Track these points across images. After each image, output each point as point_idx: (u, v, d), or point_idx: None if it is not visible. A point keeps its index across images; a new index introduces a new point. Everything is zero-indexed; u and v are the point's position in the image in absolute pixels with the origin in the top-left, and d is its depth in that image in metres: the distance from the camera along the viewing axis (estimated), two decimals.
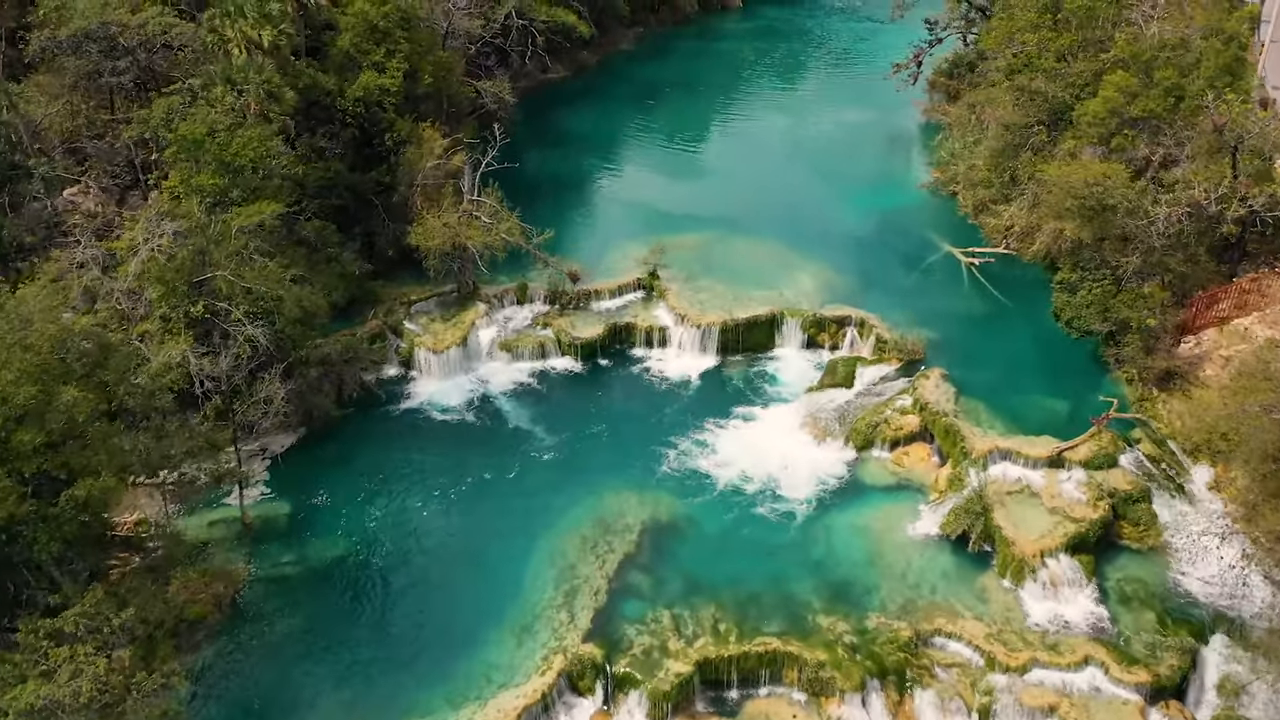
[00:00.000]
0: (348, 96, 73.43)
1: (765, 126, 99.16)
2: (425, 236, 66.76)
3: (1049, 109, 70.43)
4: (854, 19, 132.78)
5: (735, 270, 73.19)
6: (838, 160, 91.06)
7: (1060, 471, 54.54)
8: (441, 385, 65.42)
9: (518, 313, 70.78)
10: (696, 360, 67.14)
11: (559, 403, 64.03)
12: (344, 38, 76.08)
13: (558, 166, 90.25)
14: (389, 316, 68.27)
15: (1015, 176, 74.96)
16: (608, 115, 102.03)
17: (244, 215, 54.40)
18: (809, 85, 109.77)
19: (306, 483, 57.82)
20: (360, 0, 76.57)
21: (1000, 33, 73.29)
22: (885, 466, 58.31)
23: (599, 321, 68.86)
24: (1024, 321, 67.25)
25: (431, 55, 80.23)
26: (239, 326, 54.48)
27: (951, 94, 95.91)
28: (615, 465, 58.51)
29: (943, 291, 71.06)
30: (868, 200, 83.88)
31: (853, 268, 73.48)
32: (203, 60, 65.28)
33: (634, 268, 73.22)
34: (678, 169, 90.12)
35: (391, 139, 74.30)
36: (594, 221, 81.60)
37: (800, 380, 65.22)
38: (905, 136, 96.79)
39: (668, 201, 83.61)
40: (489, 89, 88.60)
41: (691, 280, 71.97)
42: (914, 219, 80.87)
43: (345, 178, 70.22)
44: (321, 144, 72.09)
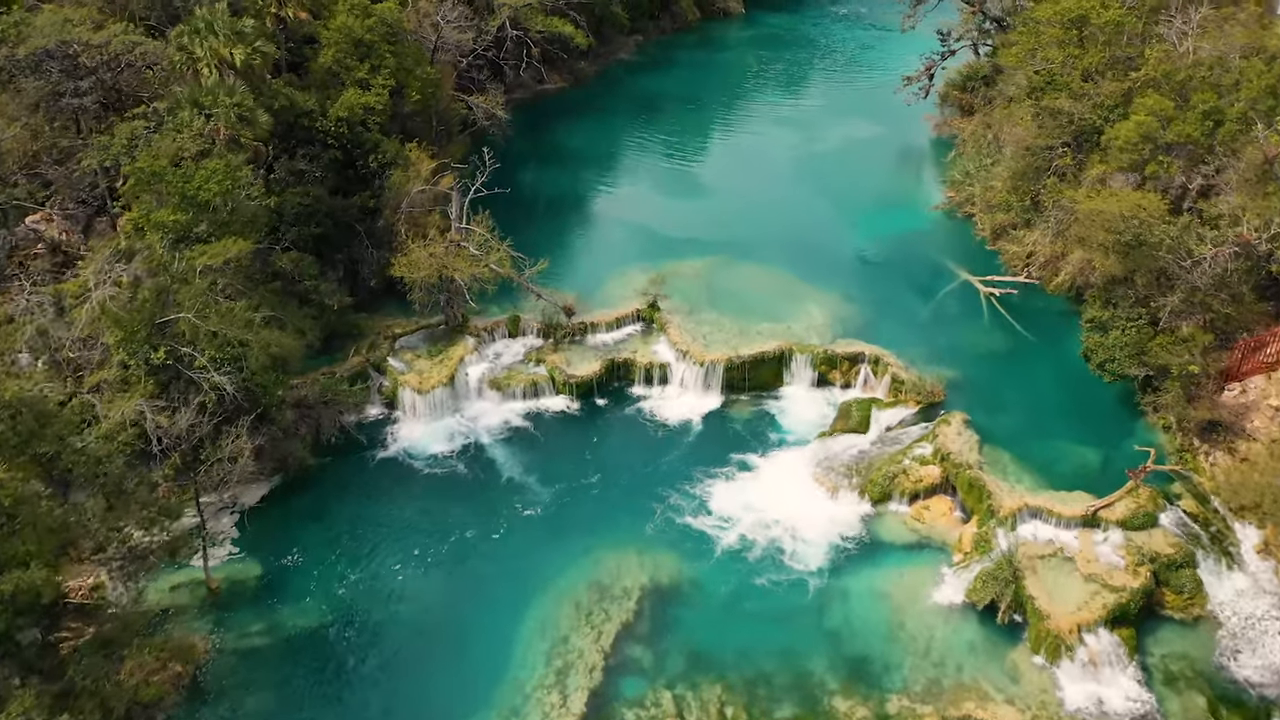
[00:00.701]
0: (329, 116, 68.55)
1: (769, 141, 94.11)
2: (410, 268, 61.82)
3: (1074, 130, 65.46)
4: (858, 26, 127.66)
5: (740, 300, 68.25)
6: (846, 178, 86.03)
7: (1096, 532, 49.71)
8: (427, 428, 60.49)
9: (509, 347, 65.82)
10: (699, 399, 62.22)
11: (552, 448, 59.08)
12: (326, 54, 71.23)
13: (553, 185, 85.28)
14: (372, 352, 63.34)
15: (1037, 201, 70.09)
16: (606, 129, 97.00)
17: (209, 254, 49.48)
18: (814, 97, 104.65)
19: (278, 539, 52.93)
20: (343, 14, 71.75)
21: (1022, 49, 68.31)
22: (904, 522, 53.44)
23: (596, 357, 63.93)
24: (1049, 359, 62.31)
25: (419, 71, 75.28)
26: (204, 374, 49.70)
27: (964, 108, 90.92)
28: (612, 521, 53.67)
29: (961, 325, 66.11)
30: (878, 222, 78.91)
31: (865, 297, 68.54)
32: (173, 80, 60.22)
33: (633, 297, 68.25)
34: (678, 187, 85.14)
35: (376, 161, 69.42)
36: (590, 246, 76.63)
37: (810, 423, 60.31)
38: (916, 153, 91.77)
39: (668, 223, 78.65)
40: (481, 104, 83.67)
41: (694, 312, 67.02)
42: (928, 243, 75.90)
43: (326, 203, 65.22)
44: (301, 167, 67.13)
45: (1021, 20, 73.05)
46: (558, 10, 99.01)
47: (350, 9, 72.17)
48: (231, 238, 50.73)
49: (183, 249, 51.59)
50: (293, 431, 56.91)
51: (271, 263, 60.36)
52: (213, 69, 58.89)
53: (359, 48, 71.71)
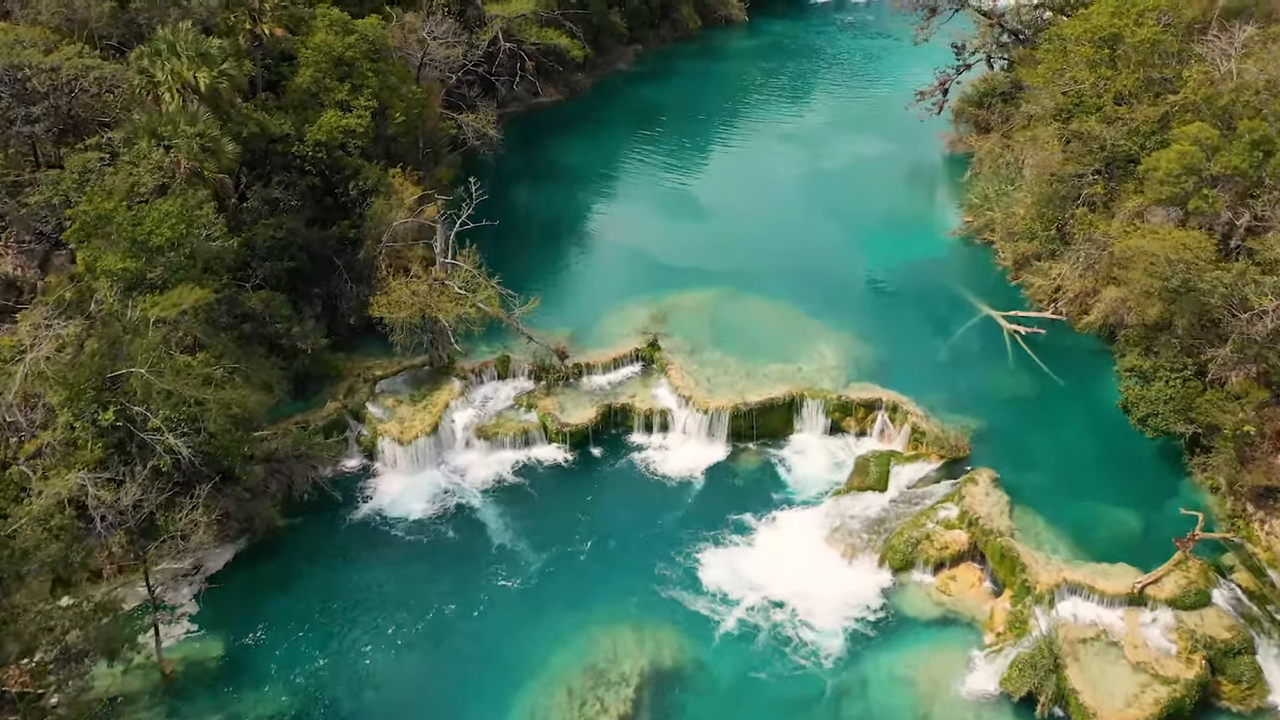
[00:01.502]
0: (306, 140, 63.27)
1: (774, 157, 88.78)
2: (390, 308, 56.58)
3: (1105, 157, 60.22)
4: (865, 35, 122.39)
5: (746, 338, 63.05)
6: (855, 199, 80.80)
7: (1143, 611, 44.59)
8: (408, 482, 55.32)
9: (499, 390, 60.63)
10: (703, 449, 57.02)
11: (543, 506, 53.88)
12: (304, 73, 65.93)
13: (547, 206, 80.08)
14: (350, 397, 58.14)
15: (1064, 230, 64.87)
16: (603, 145, 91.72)
17: (161, 305, 44.21)
18: (820, 110, 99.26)
19: (242, 613, 47.74)
20: (322, 31, 66.46)
21: (1048, 68, 62.97)
22: (929, 594, 48.26)
23: (591, 402, 58.73)
24: (1081, 406, 57.11)
25: (404, 90, 70.01)
26: (158, 436, 44.52)
27: (980, 125, 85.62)
28: (608, 593, 48.50)
29: (985, 366, 60.90)
30: (891, 248, 73.69)
31: (880, 334, 63.32)
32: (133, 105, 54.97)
33: (632, 335, 63.08)
34: (679, 209, 79.87)
35: (356, 188, 64.17)
36: (586, 275, 71.39)
37: (823, 477, 55.15)
38: (929, 172, 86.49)
39: (669, 250, 73.40)
40: (471, 123, 78.34)
41: (697, 351, 61.83)
42: (945, 273, 70.64)
43: (301, 235, 59.97)
44: (276, 195, 61.92)
45: (1047, 37, 67.70)
46: (553, 21, 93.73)
47: (330, 25, 66.97)
48: (188, 285, 45.46)
49: (136, 296, 46.34)
50: (261, 489, 51.78)
51: (240, 303, 55.14)
52: (175, 94, 53.61)
53: (339, 67, 66.47)
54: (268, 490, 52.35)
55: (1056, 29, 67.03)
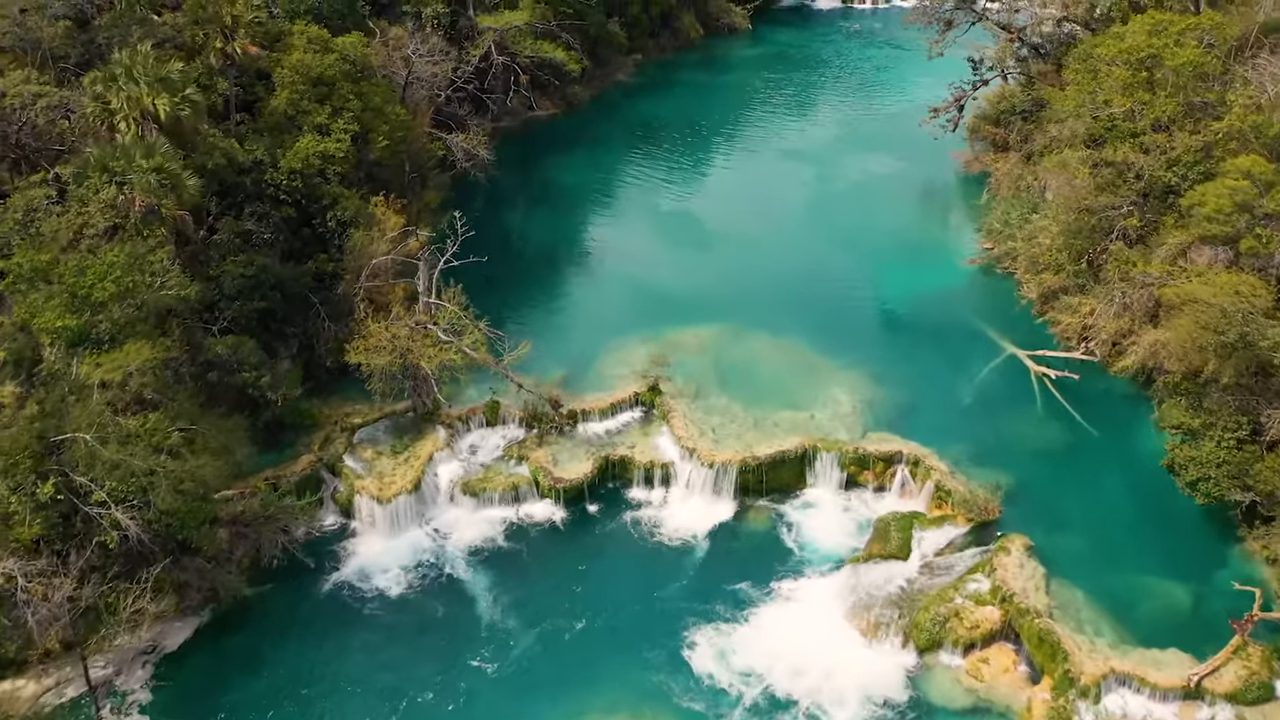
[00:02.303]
0: (281, 168, 58.47)
1: (780, 177, 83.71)
2: (367, 353, 51.72)
3: (1141, 188, 55.35)
4: (873, 44, 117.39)
5: (753, 381, 58.24)
6: (867, 223, 75.93)
7: (1200, 707, 39.83)
8: (387, 545, 50.51)
9: (487, 438, 55.78)
10: (708, 506, 52.19)
11: (534, 572, 49.04)
12: (280, 95, 61.19)
13: (540, 232, 75.22)
14: (325, 448, 53.33)
15: (1094, 264, 60.03)
16: (600, 163, 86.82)
17: (105, 366, 39.33)
18: (828, 125, 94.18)
19: (203, 699, 42.93)
20: (299, 50, 61.59)
21: (1079, 90, 57.99)
22: (958, 679, 43.38)
23: (587, 454, 53.88)
24: (1118, 461, 52.29)
25: (389, 111, 65.10)
26: (104, 510, 39.75)
27: (998, 144, 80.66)
28: (603, 674, 43.69)
29: (1012, 413, 56.03)
30: (906, 278, 68.79)
31: (897, 376, 58.46)
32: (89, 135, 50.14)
33: (630, 378, 58.27)
34: (681, 234, 74.91)
35: (335, 219, 59.37)
36: (581, 310, 66.41)
37: (839, 540, 50.30)
38: (944, 194, 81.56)
39: (670, 280, 68.56)
40: (461, 143, 73.40)
41: (701, 396, 57.02)
42: (965, 306, 65.72)
43: (274, 273, 55.10)
44: (249, 227, 57.21)
45: (1076, 57, 62.77)
46: (548, 33, 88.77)
47: (307, 44, 62.11)
48: (138, 342, 40.58)
49: (81, 352, 41.48)
50: (226, 556, 47.00)
51: (204, 349, 50.36)
52: (132, 123, 48.70)
53: (318, 88, 61.68)
54: (233, 556, 47.63)
55: (1085, 47, 62.05)
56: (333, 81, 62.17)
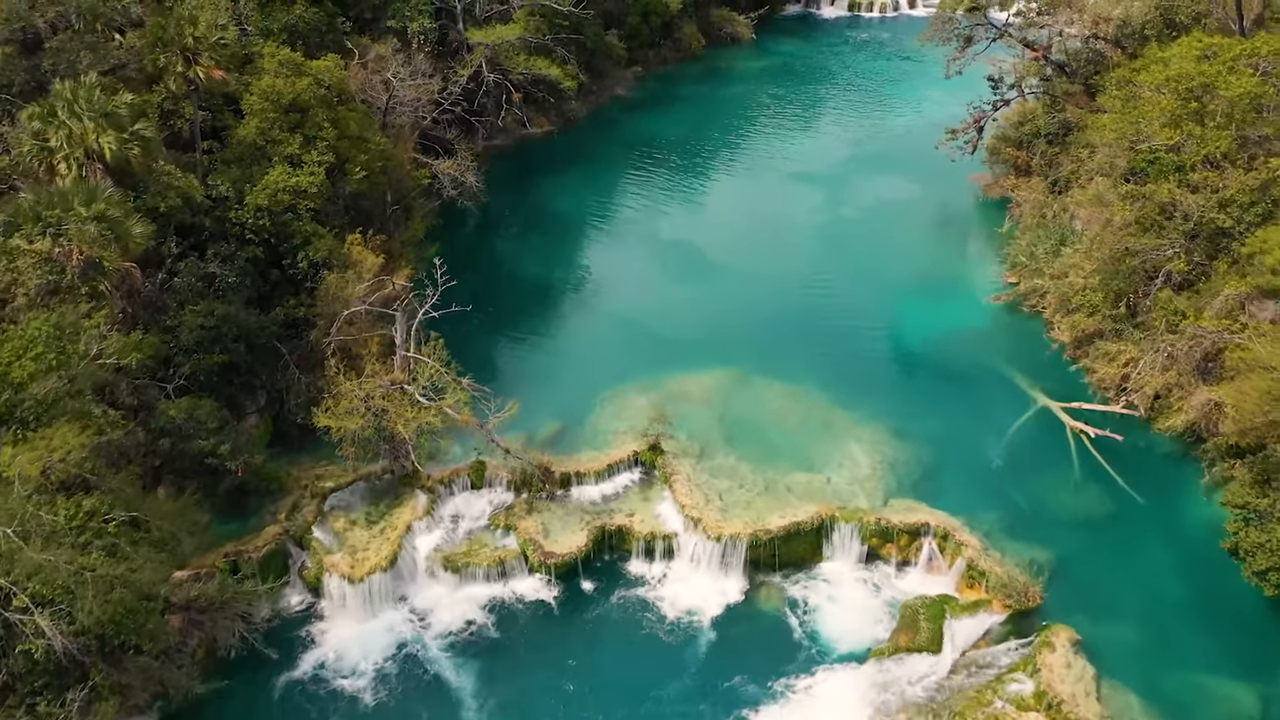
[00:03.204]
0: (247, 205, 53.17)
1: (788, 203, 78.22)
2: (338, 417, 46.39)
3: (1190, 229, 50.04)
4: (881, 56, 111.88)
5: (762, 437, 53.01)
6: (882, 254, 70.59)
7: None
8: (359, 630, 45.25)
9: (472, 503, 50.49)
10: (714, 584, 46.92)
11: (520, 664, 43.72)
12: (248, 124, 55.85)
13: (531, 264, 69.79)
14: (293, 517, 48.05)
15: (1133, 306, 54.77)
16: (596, 186, 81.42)
17: (26, 458, 33.98)
18: (838, 145, 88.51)
19: None
20: (269, 74, 56.21)
21: (1120, 120, 52.58)
22: None
23: (581, 523, 48.60)
24: (1167, 534, 47.00)
25: (367, 139, 59.73)
26: (25, 616, 34.45)
27: (1019, 167, 75.24)
28: None
29: (1047, 476, 50.72)
30: (925, 317, 63.45)
31: (919, 431, 53.19)
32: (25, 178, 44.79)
33: (628, 434, 53.06)
34: (682, 268, 69.50)
35: (306, 259, 54.08)
36: (575, 354, 60.95)
37: (861, 623, 45.01)
38: (963, 221, 76.07)
39: (671, 320, 63.21)
40: (447, 171, 67.98)
41: (705, 455, 51.81)
42: (990, 349, 60.35)
43: (238, 322, 49.80)
44: (212, 270, 52.03)
45: (1114, 82, 57.43)
46: (542, 48, 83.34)
47: (278, 67, 56.72)
48: (64, 425, 35.21)
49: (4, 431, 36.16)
50: (177, 648, 41.78)
51: (157, 414, 45.07)
52: (73, 164, 43.33)
53: (289, 115, 56.31)
54: (185, 647, 42.44)
55: (1124, 72, 56.61)
56: (306, 108, 56.87)
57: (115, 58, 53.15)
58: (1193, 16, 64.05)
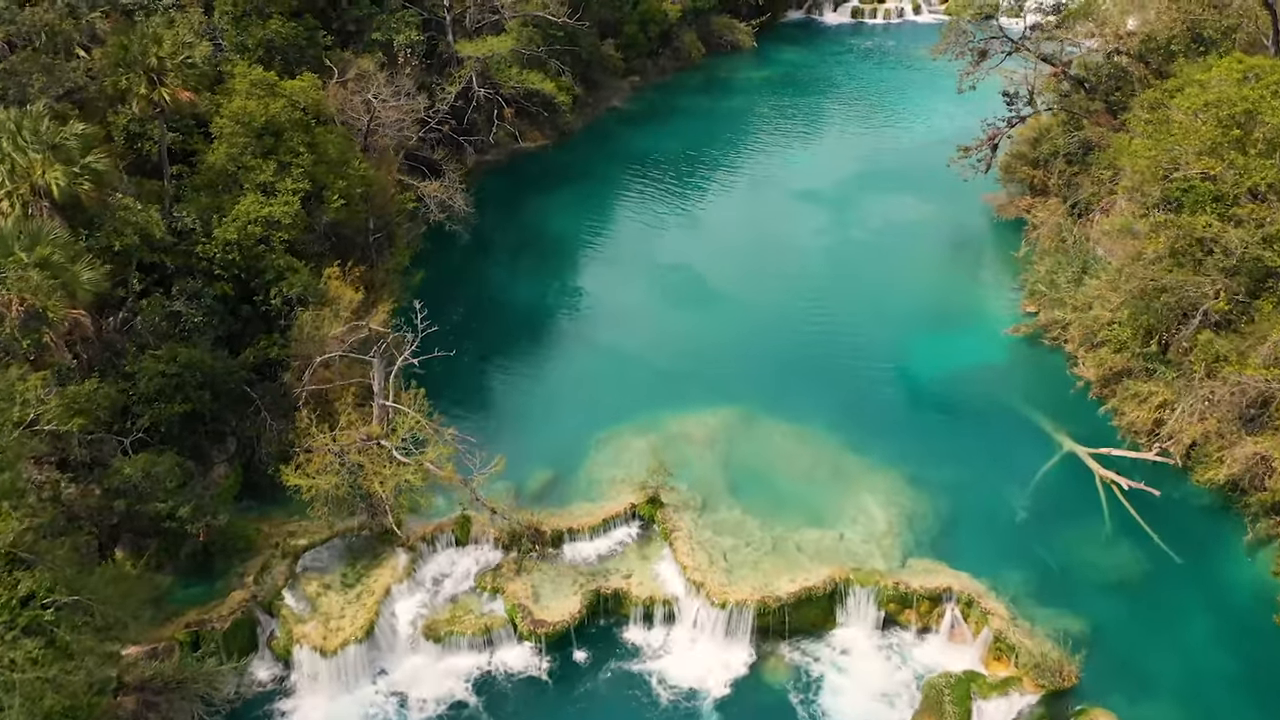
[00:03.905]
0: (215, 239, 49.17)
1: (792, 224, 74.23)
2: (309, 475, 42.38)
3: (1230, 265, 46.08)
4: (886, 65, 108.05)
5: (769, 487, 49.16)
6: (893, 281, 66.69)
7: None
8: (333, 707, 41.29)
9: (456, 562, 46.50)
10: (719, 653, 42.97)
11: None
12: (217, 150, 51.81)
13: (521, 292, 65.73)
14: (262, 579, 44.06)
15: (1165, 344, 50.88)
16: (591, 205, 77.50)
17: None
18: (843, 161, 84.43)
19: None
20: (240, 95, 52.18)
21: (1153, 148, 48.55)
22: None
23: (574, 585, 44.64)
24: (1211, 599, 43.14)
25: (347, 165, 55.69)
26: None
27: (1035, 186, 71.31)
28: None
29: (1076, 531, 46.78)
30: (940, 350, 59.54)
31: (937, 480, 49.28)
32: None
33: (625, 482, 49.22)
34: (682, 296, 65.47)
35: (280, 296, 50.08)
36: (568, 391, 56.85)
37: (879, 701, 41.03)
38: (977, 243, 72.04)
39: (670, 353, 59.34)
40: (434, 194, 63.96)
41: (709, 507, 47.91)
42: (1009, 386, 56.44)
43: (203, 366, 45.74)
44: (177, 308, 48.02)
45: (1144, 104, 53.46)
46: (535, 60, 79.35)
47: (250, 88, 52.67)
48: None
49: None
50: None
51: (111, 472, 41.08)
52: (16, 202, 39.34)
53: (262, 139, 52.29)
54: None
55: (1155, 94, 52.58)
56: (280, 131, 52.84)
57: (72, 80, 49.17)
58: (1221, 31, 60.13)
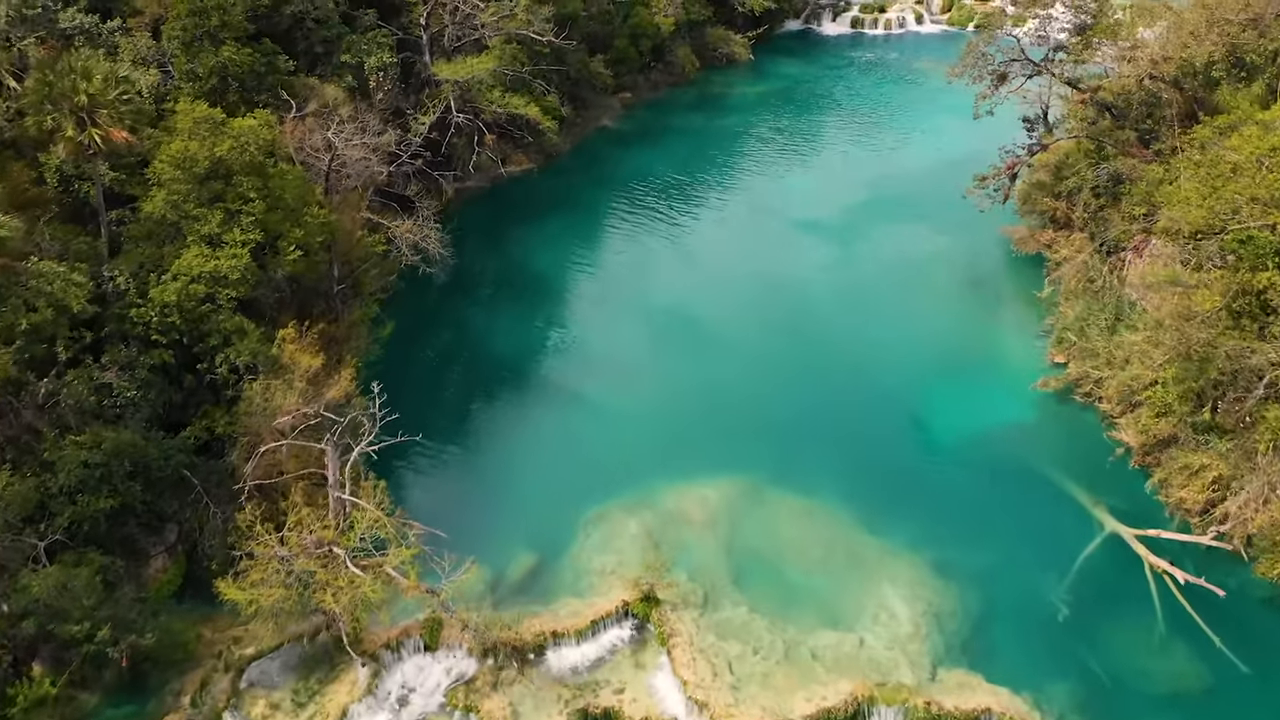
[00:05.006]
0: (152, 301, 43.18)
1: (796, 260, 68.11)
2: (251, 588, 36.42)
3: None
4: (887, 79, 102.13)
5: (778, 576, 43.55)
6: (907, 325, 60.70)
7: None
8: None
9: (425, 673, 40.65)
10: None
11: None
12: (156, 198, 45.79)
13: (500, 340, 59.90)
14: (202, 697, 38.27)
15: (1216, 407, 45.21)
16: (578, 236, 71.74)
17: None
18: (848, 186, 78.18)
19: None
20: (182, 136, 46.17)
21: (1210, 200, 42.67)
22: None
23: (559, 701, 38.98)
24: None
25: (306, 209, 49.68)
26: None
27: (1057, 219, 65.52)
28: None
29: (1126, 633, 40.98)
30: (961, 407, 53.74)
31: (966, 567, 43.60)
32: None
33: (616, 576, 43.55)
34: (676, 344, 59.37)
35: (226, 363, 44.10)
36: (552, 461, 50.65)
37: None
38: (996, 281, 65.95)
39: (664, 412, 53.53)
40: (405, 234, 57.92)
41: (711, 605, 42.25)
42: (1040, 451, 50.61)
43: (133, 452, 39.89)
44: (108, 380, 42.07)
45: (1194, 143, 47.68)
46: (519, 81, 73.28)
47: (194, 126, 46.63)
48: None
49: None
50: None
51: (18, 589, 35.14)
52: None
53: (208, 185, 46.26)
54: None
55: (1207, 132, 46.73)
56: (229, 175, 46.83)
57: None
58: (1268, 56, 54.41)
